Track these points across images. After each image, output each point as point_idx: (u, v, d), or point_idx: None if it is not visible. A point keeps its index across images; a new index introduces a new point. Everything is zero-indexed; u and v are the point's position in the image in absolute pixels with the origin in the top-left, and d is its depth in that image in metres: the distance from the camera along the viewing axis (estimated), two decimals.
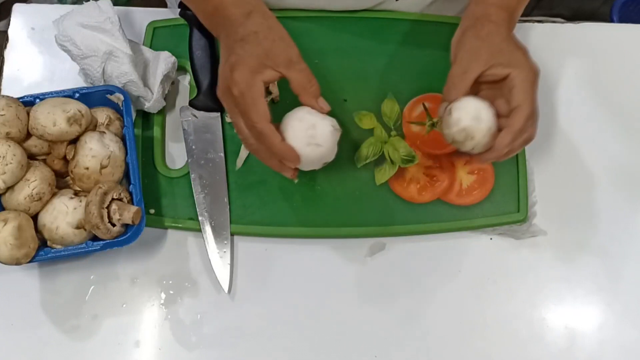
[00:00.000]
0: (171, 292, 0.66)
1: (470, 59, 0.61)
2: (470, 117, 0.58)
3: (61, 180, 0.65)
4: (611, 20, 1.47)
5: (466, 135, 0.58)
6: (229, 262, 0.66)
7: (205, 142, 0.70)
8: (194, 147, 0.69)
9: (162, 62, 0.69)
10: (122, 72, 0.66)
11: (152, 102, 0.68)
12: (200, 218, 0.66)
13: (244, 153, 0.70)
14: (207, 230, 0.66)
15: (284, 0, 0.76)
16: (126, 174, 0.65)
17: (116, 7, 0.68)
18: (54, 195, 0.62)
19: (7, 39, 0.76)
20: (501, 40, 0.61)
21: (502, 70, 0.59)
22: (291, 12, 0.76)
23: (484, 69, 0.60)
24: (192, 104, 0.71)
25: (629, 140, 0.75)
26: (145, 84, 0.69)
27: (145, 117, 0.72)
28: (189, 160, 0.69)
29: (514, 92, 0.58)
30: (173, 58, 0.70)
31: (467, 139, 0.58)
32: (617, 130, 0.75)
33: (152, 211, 0.67)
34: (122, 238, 0.61)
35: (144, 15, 0.77)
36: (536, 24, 0.81)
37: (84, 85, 0.71)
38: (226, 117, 0.71)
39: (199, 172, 0.68)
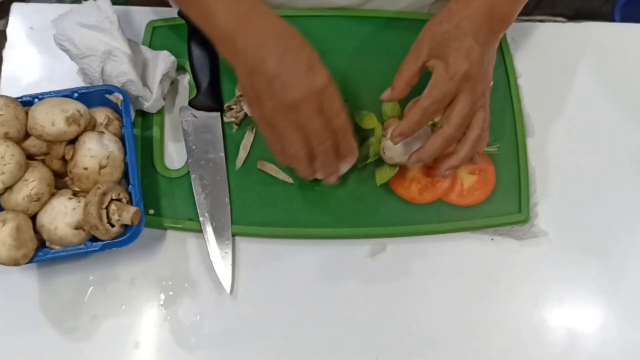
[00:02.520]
0: (170, 293, 0.66)
1: (414, 49, 0.62)
2: (403, 141, 0.63)
3: (60, 181, 0.65)
4: (613, 20, 1.47)
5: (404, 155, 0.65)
6: (230, 263, 0.65)
7: (205, 142, 0.69)
8: (194, 147, 0.69)
9: (162, 61, 0.69)
10: (121, 71, 0.66)
11: (151, 101, 0.68)
12: (201, 219, 0.66)
13: (243, 153, 0.69)
14: (209, 231, 0.66)
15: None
16: (125, 175, 0.65)
17: (115, 7, 0.68)
18: (52, 195, 0.62)
19: (5, 39, 0.75)
20: (455, 26, 0.59)
21: (435, 62, 0.59)
22: (291, 12, 0.76)
23: (425, 60, 0.60)
24: (192, 104, 0.71)
25: (631, 140, 0.74)
26: (145, 84, 0.68)
27: (144, 117, 0.71)
28: (189, 161, 0.69)
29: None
30: (172, 57, 0.70)
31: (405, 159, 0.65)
32: (619, 130, 0.75)
33: (151, 212, 0.67)
34: (121, 239, 0.61)
35: (143, 15, 0.77)
36: (538, 23, 0.80)
37: (83, 85, 0.70)
38: (225, 117, 0.71)
39: (199, 173, 0.68)
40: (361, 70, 0.74)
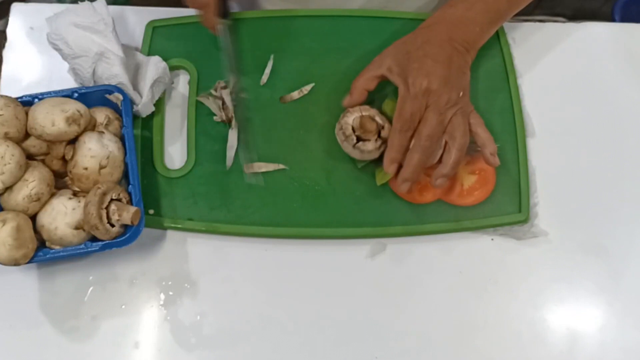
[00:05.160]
0: (170, 293, 0.66)
1: (375, 61, 0.67)
2: None
3: (60, 181, 0.65)
4: (613, 20, 1.47)
5: None
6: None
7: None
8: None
9: (152, 66, 0.68)
10: (112, 74, 0.66)
11: (140, 105, 0.68)
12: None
13: (230, 152, 0.69)
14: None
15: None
16: (125, 175, 0.65)
17: (113, 7, 0.68)
18: (52, 195, 0.62)
19: (5, 39, 0.75)
20: (417, 48, 0.64)
21: (396, 79, 0.64)
22: (292, 12, 0.76)
23: (382, 73, 0.65)
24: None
25: (631, 139, 0.74)
26: (135, 88, 0.68)
27: (144, 117, 0.71)
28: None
29: None
30: (163, 63, 0.69)
31: None
32: (618, 130, 0.75)
33: (151, 212, 0.67)
34: (121, 239, 0.61)
35: (143, 15, 0.76)
36: (537, 23, 0.80)
37: (74, 84, 0.70)
38: (214, 118, 0.71)
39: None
40: (361, 70, 0.74)
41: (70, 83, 0.71)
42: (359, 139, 0.66)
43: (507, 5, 0.69)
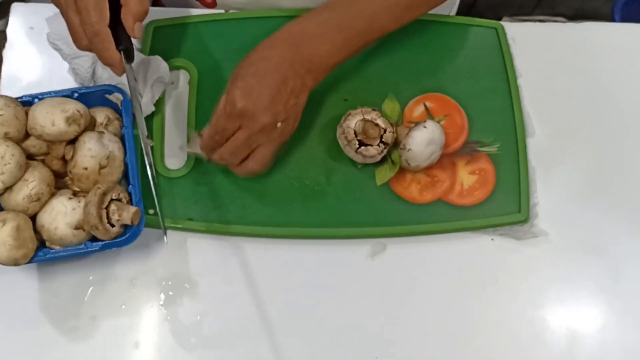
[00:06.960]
0: (170, 293, 0.66)
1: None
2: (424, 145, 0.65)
3: (60, 181, 0.65)
4: (613, 20, 1.47)
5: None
6: None
7: None
8: None
9: (153, 66, 0.68)
10: (112, 74, 0.66)
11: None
12: None
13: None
14: None
15: (282, 1, 0.75)
16: (125, 175, 0.65)
17: None
18: (52, 195, 0.62)
19: (5, 39, 0.75)
20: (250, 64, 0.61)
21: (224, 95, 0.62)
22: (291, 12, 0.76)
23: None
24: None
25: (631, 139, 0.74)
26: None
27: (144, 117, 0.71)
28: None
29: None
30: (164, 63, 0.69)
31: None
32: (618, 130, 0.75)
33: (151, 212, 0.67)
34: (121, 239, 0.61)
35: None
36: (538, 23, 0.81)
37: (74, 84, 0.70)
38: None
39: None
40: (361, 70, 0.74)
41: (70, 83, 0.71)
42: (361, 144, 0.66)
43: (365, 25, 0.64)
